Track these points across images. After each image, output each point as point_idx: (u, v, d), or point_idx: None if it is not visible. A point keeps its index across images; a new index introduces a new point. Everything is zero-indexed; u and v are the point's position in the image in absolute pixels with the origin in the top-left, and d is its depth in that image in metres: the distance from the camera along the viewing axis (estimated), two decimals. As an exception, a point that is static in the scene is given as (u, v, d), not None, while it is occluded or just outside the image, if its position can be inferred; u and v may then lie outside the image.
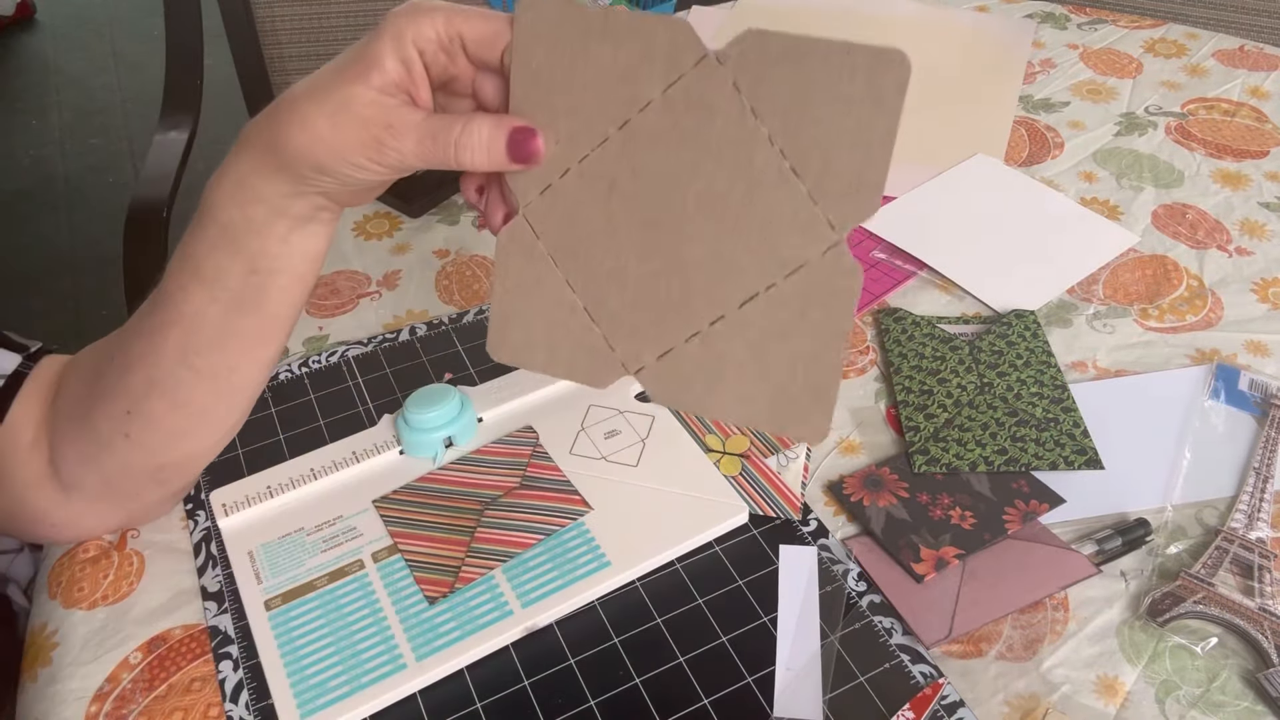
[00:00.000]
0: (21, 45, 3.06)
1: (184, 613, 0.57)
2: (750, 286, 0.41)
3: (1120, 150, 0.95)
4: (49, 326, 2.02)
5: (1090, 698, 0.51)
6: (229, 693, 0.52)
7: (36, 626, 0.57)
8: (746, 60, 0.38)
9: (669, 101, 0.40)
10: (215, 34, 1.27)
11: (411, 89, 0.43)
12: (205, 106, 1.26)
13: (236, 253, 0.47)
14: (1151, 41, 1.14)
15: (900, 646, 0.54)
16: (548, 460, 0.62)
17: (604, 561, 0.57)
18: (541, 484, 0.61)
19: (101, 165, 2.52)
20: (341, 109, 0.41)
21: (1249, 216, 0.86)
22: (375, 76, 0.41)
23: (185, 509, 0.62)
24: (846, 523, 0.61)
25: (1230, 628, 0.54)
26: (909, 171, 0.92)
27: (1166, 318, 0.76)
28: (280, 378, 0.71)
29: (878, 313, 0.76)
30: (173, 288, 0.49)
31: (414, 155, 0.42)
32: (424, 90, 0.43)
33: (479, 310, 0.77)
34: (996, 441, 0.64)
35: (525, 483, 0.61)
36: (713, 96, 0.39)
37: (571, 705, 0.51)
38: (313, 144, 0.42)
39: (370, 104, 0.41)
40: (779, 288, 0.41)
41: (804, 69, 0.37)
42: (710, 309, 0.42)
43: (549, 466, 0.62)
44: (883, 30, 1.14)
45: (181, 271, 0.49)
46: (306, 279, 0.50)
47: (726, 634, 0.54)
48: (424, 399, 0.63)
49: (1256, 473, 0.63)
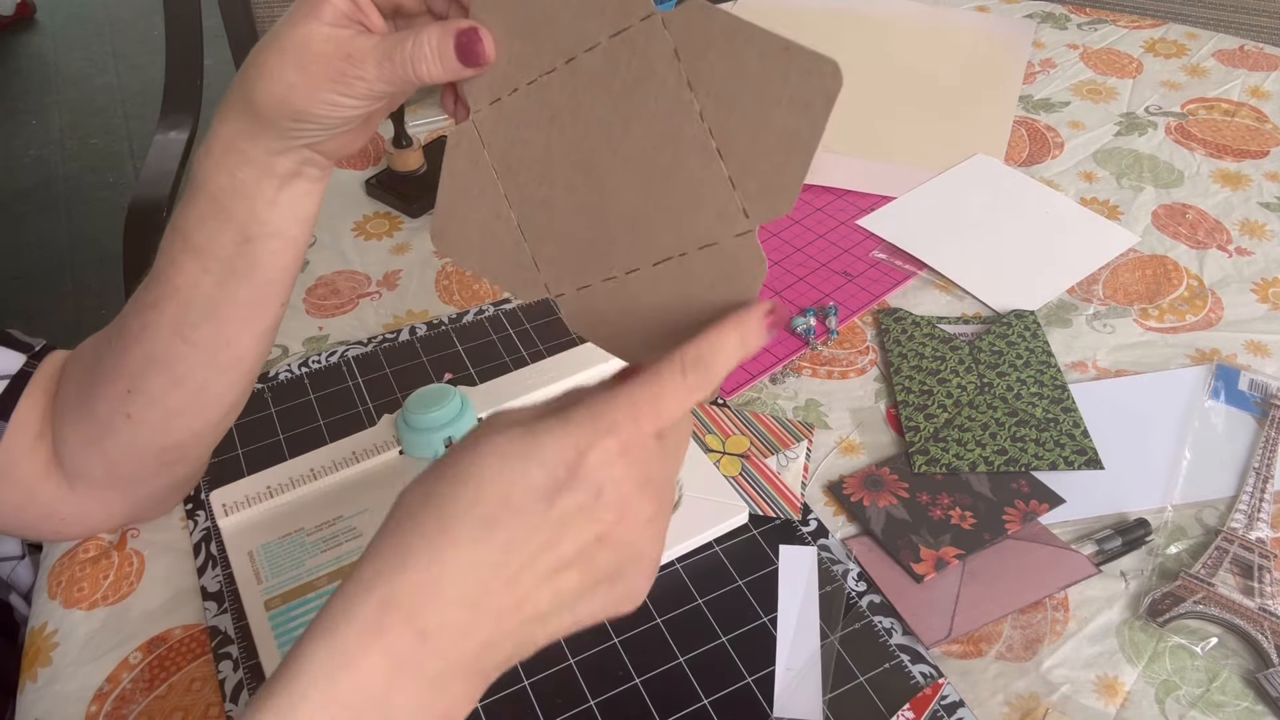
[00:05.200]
0: (21, 45, 3.06)
1: (184, 613, 0.57)
2: (665, 249, 0.43)
3: (1120, 150, 0.95)
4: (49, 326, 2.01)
5: (1090, 698, 0.51)
6: (229, 693, 0.52)
7: (36, 626, 0.57)
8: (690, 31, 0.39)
9: (612, 49, 0.40)
10: (215, 34, 1.27)
11: (361, 17, 0.43)
12: (205, 106, 1.26)
13: (227, 220, 0.48)
14: (1151, 41, 1.14)
15: (900, 646, 0.54)
16: None
17: (604, 561, 0.57)
18: None
19: (101, 165, 2.52)
20: (301, 50, 0.42)
21: (1249, 216, 0.86)
22: (326, 11, 0.42)
23: (185, 509, 0.62)
24: (846, 523, 0.61)
25: (1230, 628, 0.54)
26: (909, 171, 0.92)
27: (1166, 318, 0.76)
28: (280, 378, 0.71)
29: (878, 313, 0.76)
30: (165, 264, 0.50)
31: (377, 79, 0.42)
32: (374, 16, 0.44)
33: (479, 310, 0.77)
34: (996, 441, 0.64)
35: None
36: (653, 57, 0.40)
37: (571, 705, 0.51)
38: (286, 92, 0.43)
39: (326, 39, 0.42)
40: (690, 257, 0.42)
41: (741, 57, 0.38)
42: (627, 259, 0.44)
43: None
44: (883, 30, 1.14)
45: (172, 246, 0.49)
46: (298, 242, 0.50)
47: (726, 634, 0.54)
48: (424, 399, 0.63)
49: (1256, 473, 0.63)
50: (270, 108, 0.44)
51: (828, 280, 0.79)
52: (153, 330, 0.50)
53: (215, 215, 0.48)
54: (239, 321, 0.51)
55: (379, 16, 0.44)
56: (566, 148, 0.43)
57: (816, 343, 0.74)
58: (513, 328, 0.75)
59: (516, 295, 0.47)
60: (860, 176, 0.91)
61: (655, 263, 0.43)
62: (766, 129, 0.39)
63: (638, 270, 0.44)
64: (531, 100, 0.43)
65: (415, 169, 0.91)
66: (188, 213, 0.48)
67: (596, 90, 0.42)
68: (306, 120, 0.44)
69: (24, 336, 0.58)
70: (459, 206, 0.46)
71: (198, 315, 0.50)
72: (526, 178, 0.44)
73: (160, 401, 0.52)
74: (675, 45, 0.39)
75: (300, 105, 0.43)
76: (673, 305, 0.43)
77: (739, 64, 0.38)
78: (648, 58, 0.40)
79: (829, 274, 0.80)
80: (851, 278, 0.80)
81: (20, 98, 2.80)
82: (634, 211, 0.43)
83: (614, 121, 0.42)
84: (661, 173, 0.41)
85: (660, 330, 0.44)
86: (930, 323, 0.74)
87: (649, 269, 0.43)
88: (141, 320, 0.51)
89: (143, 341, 0.51)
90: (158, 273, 0.50)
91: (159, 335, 0.50)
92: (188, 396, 0.52)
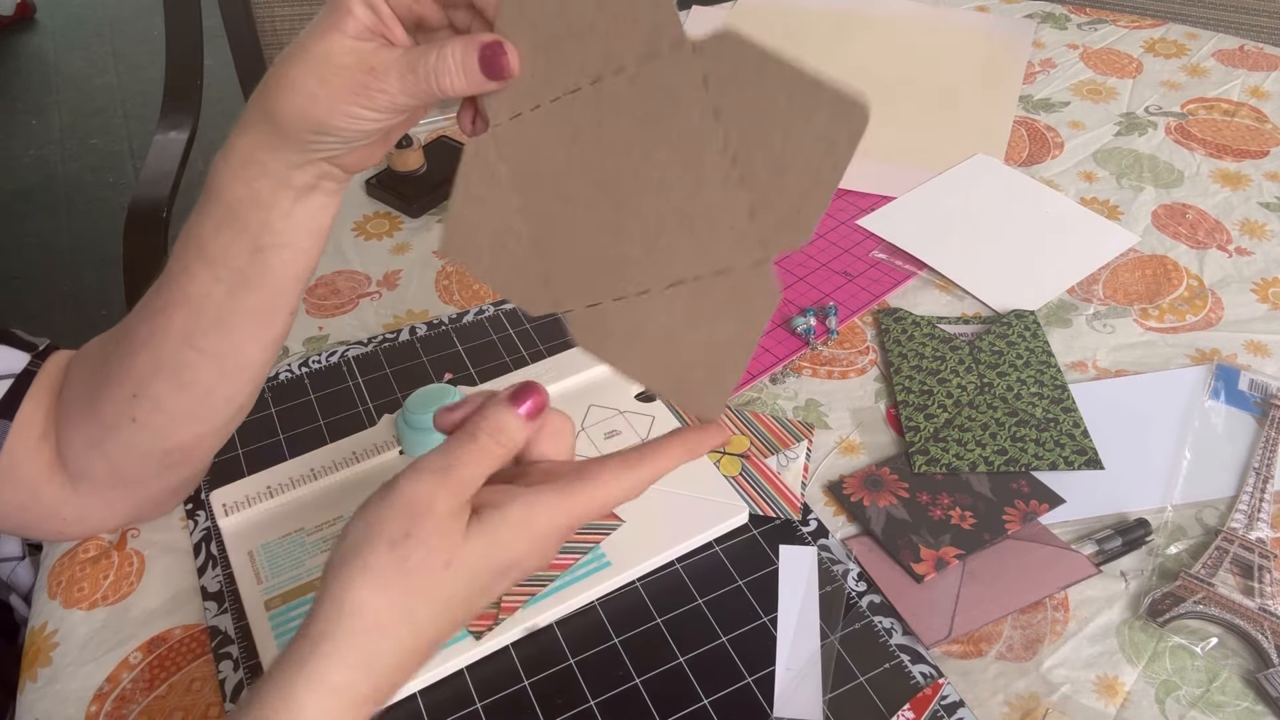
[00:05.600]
0: (21, 45, 3.06)
1: (184, 613, 0.57)
2: (678, 272, 0.43)
3: (1120, 150, 0.95)
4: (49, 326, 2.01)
5: (1090, 698, 0.51)
6: (229, 693, 0.52)
7: (36, 626, 0.57)
8: (720, 60, 0.39)
9: (641, 73, 0.41)
10: (215, 34, 1.27)
11: (384, 31, 0.44)
12: (205, 106, 1.26)
13: (241, 230, 0.48)
14: (1151, 41, 1.14)
15: (900, 646, 0.54)
16: None
17: (604, 562, 0.57)
18: None
19: (101, 165, 2.52)
20: (323, 63, 0.42)
21: (1249, 216, 0.86)
22: (349, 24, 0.42)
23: (185, 509, 0.62)
24: (846, 523, 0.61)
25: (1230, 628, 0.54)
26: (909, 171, 0.92)
27: (1166, 318, 0.76)
28: (280, 378, 0.71)
29: (878, 313, 0.76)
30: (177, 270, 0.50)
31: (400, 92, 0.43)
32: (397, 30, 0.44)
33: (479, 310, 0.77)
34: (996, 441, 0.64)
35: None
36: (681, 84, 0.40)
37: (571, 705, 0.51)
38: (307, 104, 0.43)
39: (349, 52, 0.42)
40: (704, 282, 0.43)
41: (771, 90, 0.38)
42: (640, 280, 0.44)
43: None
44: (883, 30, 1.14)
45: (186, 253, 0.49)
46: (310, 254, 0.50)
47: (726, 634, 0.54)
48: (424, 399, 0.63)
49: (1256, 473, 0.63)
50: (291, 119, 0.44)
51: (828, 280, 0.79)
52: (161, 336, 0.50)
53: (230, 225, 0.48)
54: (248, 330, 0.51)
55: (402, 30, 0.44)
56: (586, 166, 0.43)
57: (816, 343, 0.74)
58: (513, 328, 0.75)
59: (525, 309, 0.47)
60: (860, 176, 0.91)
61: (668, 285, 0.43)
62: (790, 163, 0.39)
63: (649, 292, 0.44)
64: (554, 117, 0.43)
65: (415, 169, 0.91)
66: (202, 221, 0.48)
67: (621, 112, 0.42)
68: (327, 133, 0.44)
69: (28, 336, 0.58)
70: (471, 217, 0.46)
71: (208, 323, 0.50)
72: (543, 193, 0.45)
73: (166, 406, 0.52)
74: (705, 73, 0.39)
75: (321, 117, 0.43)
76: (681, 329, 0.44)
77: (767, 96, 0.38)
78: (675, 83, 0.40)
79: (829, 274, 0.80)
80: (851, 278, 0.80)
81: (20, 98, 2.80)
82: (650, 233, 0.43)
83: (637, 144, 0.42)
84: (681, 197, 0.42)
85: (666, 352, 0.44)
86: (930, 323, 0.74)
87: (661, 291, 0.44)
88: (150, 325, 0.51)
89: (150, 346, 0.51)
90: (169, 278, 0.50)
91: (167, 341, 0.50)
92: (194, 402, 0.52)
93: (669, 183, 0.42)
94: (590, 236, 0.44)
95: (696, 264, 0.42)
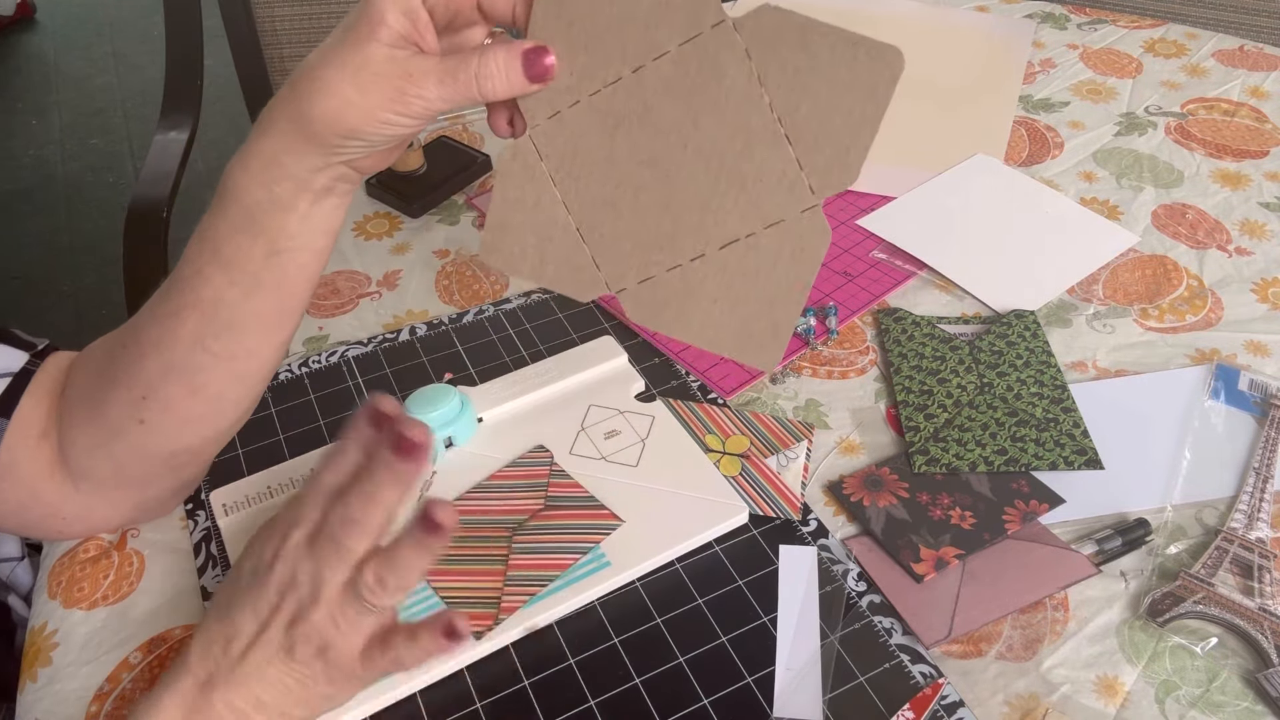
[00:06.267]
0: (21, 45, 3.06)
1: (184, 613, 0.57)
2: (732, 232, 0.46)
3: (1120, 150, 0.95)
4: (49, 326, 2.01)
5: (1090, 698, 0.51)
6: (229, 693, 0.52)
7: (36, 626, 0.57)
8: (762, 32, 0.42)
9: (683, 55, 0.44)
10: (215, 34, 1.27)
11: (417, 38, 0.44)
12: (205, 106, 1.26)
13: (259, 234, 0.48)
14: (1151, 41, 1.14)
15: (900, 646, 0.54)
16: (566, 478, 0.62)
17: (604, 561, 0.57)
18: (567, 502, 0.60)
19: (101, 165, 2.52)
20: (361, 69, 0.43)
21: (1249, 216, 0.86)
22: (383, 32, 0.43)
23: (185, 509, 0.62)
24: (846, 523, 0.61)
25: (1230, 628, 0.54)
26: (909, 171, 0.92)
27: (1166, 318, 0.76)
28: (280, 378, 0.71)
29: (878, 313, 0.76)
30: (189, 272, 0.50)
31: (438, 99, 0.44)
32: (430, 37, 0.45)
33: (479, 310, 0.77)
34: (996, 441, 0.64)
35: (550, 503, 0.60)
36: (724, 59, 0.43)
37: (571, 705, 0.51)
38: (342, 109, 0.43)
39: (386, 59, 0.43)
40: (758, 237, 0.46)
41: (814, 49, 0.42)
42: (694, 246, 0.47)
43: (570, 484, 0.61)
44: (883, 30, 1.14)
45: (199, 256, 0.49)
46: (323, 255, 0.51)
47: (726, 634, 0.54)
48: (424, 399, 0.63)
49: (1256, 473, 0.63)
50: (324, 123, 0.44)
51: (828, 280, 0.79)
52: (172, 339, 0.50)
53: (248, 229, 0.48)
54: (260, 332, 0.51)
55: (434, 37, 0.45)
56: (632, 149, 0.46)
57: (816, 343, 0.74)
58: (513, 328, 0.75)
59: (576, 296, 0.49)
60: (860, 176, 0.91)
61: (722, 245, 0.46)
62: (834, 113, 0.43)
63: (703, 255, 0.47)
64: (594, 110, 0.45)
65: (415, 169, 0.91)
66: (217, 224, 0.48)
67: (665, 94, 0.44)
68: (357, 138, 0.45)
69: (26, 335, 0.58)
70: (513, 220, 0.48)
71: (220, 326, 0.50)
72: (588, 183, 0.47)
73: (176, 408, 0.52)
74: (746, 46, 0.43)
75: (355, 123, 0.44)
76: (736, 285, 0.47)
77: (810, 55, 0.42)
78: (719, 59, 0.43)
79: (829, 274, 0.80)
80: (851, 278, 0.80)
81: (20, 98, 2.80)
82: (701, 200, 0.46)
83: (683, 119, 0.45)
84: (731, 161, 0.45)
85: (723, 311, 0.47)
86: (930, 323, 0.74)
87: (715, 253, 0.47)
88: (160, 328, 0.51)
89: (161, 349, 0.51)
90: (180, 282, 0.50)
91: (179, 344, 0.50)
92: (204, 404, 0.53)
93: (718, 149, 0.45)
94: (641, 214, 0.47)
95: (750, 221, 0.45)
